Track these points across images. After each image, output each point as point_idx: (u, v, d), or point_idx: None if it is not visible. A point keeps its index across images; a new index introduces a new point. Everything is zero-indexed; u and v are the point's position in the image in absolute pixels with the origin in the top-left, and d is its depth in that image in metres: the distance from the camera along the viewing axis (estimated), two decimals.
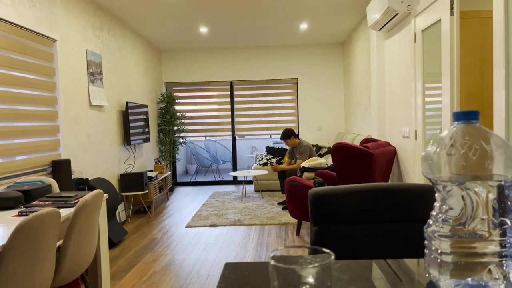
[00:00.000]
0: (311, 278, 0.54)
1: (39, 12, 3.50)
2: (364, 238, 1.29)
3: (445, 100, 2.93)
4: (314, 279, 0.54)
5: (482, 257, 0.69)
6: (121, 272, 3.32)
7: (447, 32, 2.85)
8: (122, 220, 4.99)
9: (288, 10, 5.21)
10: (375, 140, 4.26)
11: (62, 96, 3.82)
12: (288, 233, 4.29)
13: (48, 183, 2.45)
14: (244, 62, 7.56)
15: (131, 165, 5.66)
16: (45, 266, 1.74)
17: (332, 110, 7.57)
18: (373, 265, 0.87)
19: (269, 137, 9.86)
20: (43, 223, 1.66)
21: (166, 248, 3.92)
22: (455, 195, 0.70)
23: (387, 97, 4.48)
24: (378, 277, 0.80)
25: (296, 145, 5.53)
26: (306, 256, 0.59)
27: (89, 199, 2.01)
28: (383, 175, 3.99)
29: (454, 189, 0.70)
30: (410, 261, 0.89)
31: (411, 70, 3.64)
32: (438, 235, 0.70)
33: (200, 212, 5.37)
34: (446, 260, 0.69)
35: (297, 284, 0.54)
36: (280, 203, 5.70)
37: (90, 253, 2.16)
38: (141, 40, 6.32)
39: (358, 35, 6.05)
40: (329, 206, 1.31)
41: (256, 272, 0.84)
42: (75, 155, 4.04)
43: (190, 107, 7.72)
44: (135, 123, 5.54)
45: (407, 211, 1.27)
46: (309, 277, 0.54)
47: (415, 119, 3.59)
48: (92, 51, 4.48)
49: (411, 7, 3.59)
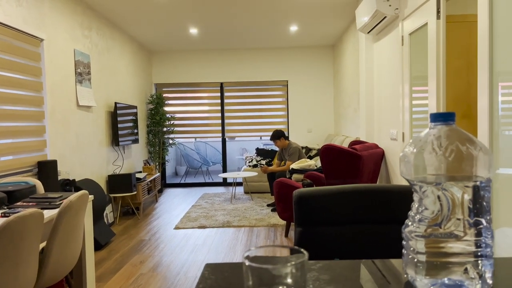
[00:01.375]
0: (285, 278, 0.54)
1: (27, 11, 3.47)
2: (348, 239, 1.30)
3: (432, 102, 2.96)
4: (288, 279, 0.54)
5: (458, 257, 0.69)
6: (108, 274, 3.29)
7: (434, 35, 2.88)
8: (110, 222, 4.95)
9: (278, 12, 5.22)
10: (364, 142, 4.29)
11: (49, 96, 3.78)
12: (277, 235, 4.29)
13: (33, 184, 2.42)
14: (235, 63, 7.56)
15: (120, 166, 5.61)
16: (28, 268, 1.72)
17: (322, 112, 7.60)
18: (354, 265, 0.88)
19: (259, 138, 9.86)
20: (26, 224, 1.64)
21: (154, 250, 3.90)
22: (432, 196, 0.70)
23: (376, 100, 4.51)
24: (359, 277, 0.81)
25: (285, 146, 5.54)
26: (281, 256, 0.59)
27: (74, 200, 1.99)
28: (371, 176, 4.01)
29: (431, 190, 0.70)
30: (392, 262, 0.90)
31: (399, 73, 3.67)
32: (415, 235, 0.71)
33: (189, 213, 5.34)
34: (422, 259, 0.69)
35: (271, 283, 0.54)
36: (269, 205, 5.70)
37: (75, 255, 2.14)
38: (131, 41, 6.29)
39: (347, 37, 6.08)
40: (313, 207, 1.31)
41: (236, 273, 0.84)
42: (62, 156, 4.00)
43: (180, 108, 7.70)
44: (124, 124, 5.50)
45: (390, 212, 1.28)
46: (283, 277, 0.54)
47: (403, 121, 3.62)
48: (80, 51, 4.44)
49: (398, 11, 3.62)
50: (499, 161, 2.06)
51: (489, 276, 0.71)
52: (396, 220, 1.27)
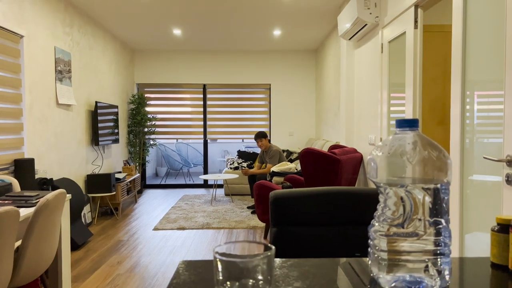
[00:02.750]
0: (253, 272, 0.57)
1: (7, 6, 3.42)
2: (321, 239, 1.34)
3: (408, 109, 3.05)
4: (256, 273, 0.57)
5: (419, 255, 0.74)
6: (85, 274, 3.25)
7: (411, 44, 2.97)
8: (88, 222, 4.89)
9: (262, 16, 5.27)
10: (343, 147, 4.36)
11: (28, 93, 3.73)
12: (256, 237, 4.32)
13: (9, 182, 2.39)
14: (218, 65, 7.57)
15: (99, 166, 5.56)
16: (3, 266, 1.70)
17: (304, 116, 7.68)
18: (323, 263, 0.91)
19: (241, 141, 9.89)
20: (1, 222, 1.62)
21: (132, 250, 3.88)
22: (394, 197, 0.75)
23: (356, 105, 4.60)
24: (325, 274, 0.84)
25: (267, 148, 5.58)
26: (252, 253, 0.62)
27: (51, 199, 1.98)
28: (349, 180, 4.09)
29: (394, 191, 0.75)
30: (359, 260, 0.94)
31: (378, 79, 3.76)
32: (379, 234, 0.75)
33: (168, 215, 5.33)
34: (385, 257, 0.73)
35: (239, 277, 0.57)
36: (249, 207, 5.73)
37: (50, 254, 2.12)
38: (113, 39, 6.24)
39: (330, 43, 6.18)
40: (288, 208, 1.35)
41: (209, 269, 0.86)
42: (40, 154, 3.94)
43: (162, 109, 7.66)
44: (104, 124, 5.45)
45: (360, 214, 1.33)
46: (251, 270, 0.57)
47: (381, 127, 3.70)
48: (61, 49, 4.39)
49: (379, 19, 3.71)
50: (473, 168, 2.14)
51: (447, 273, 0.75)
52: (365, 222, 1.32)
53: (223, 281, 0.57)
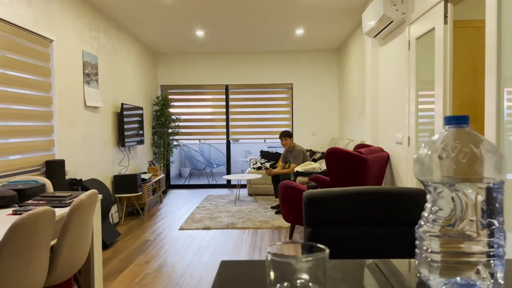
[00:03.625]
0: (306, 273, 0.56)
1: (36, 12, 3.51)
2: (357, 241, 1.31)
3: (438, 107, 2.98)
4: (308, 274, 0.56)
5: (471, 257, 0.71)
6: (114, 274, 3.31)
7: (441, 40, 2.90)
8: (115, 222, 4.98)
9: (284, 16, 5.25)
10: (369, 146, 4.30)
11: (58, 96, 3.82)
12: (281, 237, 4.30)
13: (43, 183, 2.44)
14: (240, 66, 7.59)
15: (125, 167, 5.65)
16: (39, 265, 1.74)
17: (327, 115, 7.61)
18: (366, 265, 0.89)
19: (263, 141, 9.88)
20: (37, 222, 1.66)
21: (159, 250, 3.92)
22: (445, 197, 0.72)
23: (381, 104, 4.52)
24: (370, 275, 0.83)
25: (291, 148, 5.56)
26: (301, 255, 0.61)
27: (84, 199, 2.01)
28: (376, 180, 4.02)
29: (445, 191, 0.72)
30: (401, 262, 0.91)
31: (405, 77, 3.69)
32: (429, 235, 0.73)
33: (193, 215, 5.37)
34: (436, 259, 0.71)
35: (292, 278, 0.56)
36: (273, 207, 5.72)
37: (84, 253, 2.16)
38: (137, 42, 6.33)
39: (353, 41, 6.11)
40: (323, 208, 1.33)
41: (251, 270, 0.86)
42: (69, 155, 4.03)
43: (185, 110, 7.73)
44: (129, 125, 5.54)
45: (399, 214, 1.30)
46: (304, 271, 0.55)
47: (408, 125, 3.63)
48: (88, 52, 4.48)
49: (405, 15, 3.64)
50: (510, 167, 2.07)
51: (501, 276, 0.72)
52: (406, 222, 1.29)
53: (275, 282, 0.56)
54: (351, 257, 1.30)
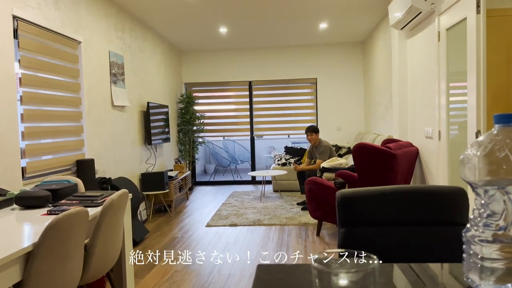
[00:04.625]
0: (354, 283, 0.54)
1: (64, 14, 3.58)
2: (393, 241, 1.28)
3: (471, 99, 2.88)
4: (357, 284, 0.54)
5: None
6: (143, 271, 3.36)
7: (473, 30, 2.79)
8: (143, 219, 5.06)
9: (308, 10, 5.19)
10: (397, 141, 4.21)
11: (86, 96, 3.89)
12: (308, 234, 4.28)
13: (75, 183, 2.50)
14: (263, 62, 7.56)
15: (152, 165, 5.72)
16: (74, 264, 1.78)
17: (352, 110, 7.50)
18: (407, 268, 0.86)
19: (287, 137, 9.82)
20: (72, 222, 1.70)
21: (187, 247, 3.96)
22: (496, 199, 0.69)
23: (409, 97, 4.41)
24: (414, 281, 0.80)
25: (317, 143, 5.50)
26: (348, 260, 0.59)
27: (115, 199, 2.04)
28: (405, 176, 3.94)
29: (495, 193, 0.68)
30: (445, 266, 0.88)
31: (435, 69, 3.58)
32: (479, 240, 0.69)
33: (219, 211, 5.39)
34: (488, 265, 0.68)
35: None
36: (299, 203, 5.69)
37: (116, 252, 2.20)
38: (161, 41, 6.39)
39: (378, 34, 5.98)
40: (357, 208, 1.30)
41: (289, 274, 0.84)
42: (98, 154, 4.11)
43: (209, 107, 7.78)
44: (155, 123, 5.61)
45: (437, 214, 1.25)
46: (352, 282, 0.53)
47: (439, 119, 3.53)
48: (115, 52, 4.55)
49: (434, 6, 3.53)
50: None
51: None
52: (444, 222, 1.24)
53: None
54: (388, 258, 1.26)
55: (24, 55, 3.01)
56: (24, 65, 3.00)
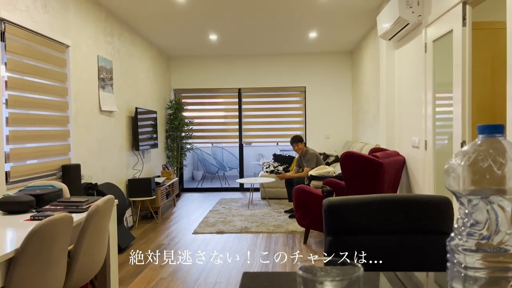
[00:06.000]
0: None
1: (53, 18, 3.55)
2: (379, 249, 1.28)
3: (457, 110, 2.92)
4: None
5: (507, 272, 0.68)
6: (129, 278, 3.31)
7: (459, 42, 2.85)
8: (130, 225, 5.00)
9: (297, 19, 5.23)
10: (384, 150, 4.24)
11: (73, 101, 3.85)
12: (296, 242, 4.27)
13: (60, 188, 2.46)
14: (253, 69, 7.59)
15: (139, 171, 5.68)
16: (57, 270, 1.75)
17: (340, 118, 7.56)
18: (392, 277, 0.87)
19: (276, 144, 9.84)
20: (56, 227, 1.67)
21: (173, 254, 3.92)
22: (480, 209, 0.69)
23: (396, 107, 4.47)
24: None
25: (303, 152, 5.53)
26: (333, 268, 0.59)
27: (101, 205, 2.02)
28: (392, 185, 3.97)
29: (480, 203, 0.69)
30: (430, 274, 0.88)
31: (422, 80, 3.64)
32: (462, 249, 0.70)
33: (207, 218, 5.36)
34: (471, 274, 0.68)
35: None
36: (287, 211, 5.68)
37: (101, 258, 2.17)
38: (150, 47, 6.37)
39: (367, 44, 6.05)
40: (344, 216, 1.31)
41: (275, 282, 0.84)
42: (85, 160, 4.06)
43: (198, 114, 7.76)
44: (143, 129, 5.57)
45: (422, 223, 1.27)
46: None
47: (425, 129, 3.58)
48: (103, 57, 4.52)
49: (422, 18, 3.59)
50: None
51: None
52: (429, 231, 1.25)
53: None
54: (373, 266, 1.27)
55: (11, 58, 2.98)
56: (10, 68, 2.96)
